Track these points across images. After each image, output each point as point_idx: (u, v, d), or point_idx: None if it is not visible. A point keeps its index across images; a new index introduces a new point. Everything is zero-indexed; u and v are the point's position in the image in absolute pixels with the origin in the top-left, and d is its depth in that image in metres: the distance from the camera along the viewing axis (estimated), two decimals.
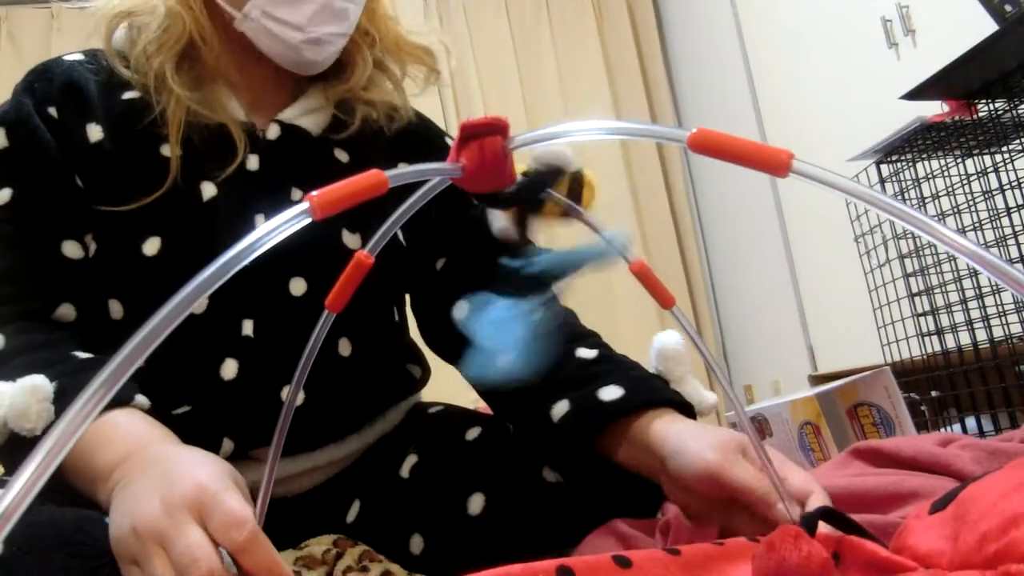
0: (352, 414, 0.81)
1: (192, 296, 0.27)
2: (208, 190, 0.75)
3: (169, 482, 0.51)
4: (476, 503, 0.72)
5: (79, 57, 0.80)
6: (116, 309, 0.74)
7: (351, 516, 0.79)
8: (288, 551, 0.66)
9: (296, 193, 0.79)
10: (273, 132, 0.80)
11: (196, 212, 0.74)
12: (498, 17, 3.41)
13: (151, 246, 0.72)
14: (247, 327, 0.74)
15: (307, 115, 0.83)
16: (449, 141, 0.93)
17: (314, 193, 0.31)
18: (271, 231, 0.29)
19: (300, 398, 0.73)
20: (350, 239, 0.79)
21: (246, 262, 0.28)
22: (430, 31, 0.92)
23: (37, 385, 0.60)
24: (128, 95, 0.77)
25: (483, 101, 3.31)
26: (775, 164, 0.30)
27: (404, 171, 0.35)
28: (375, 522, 0.77)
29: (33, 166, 0.74)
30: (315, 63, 0.80)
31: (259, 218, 0.76)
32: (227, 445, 0.73)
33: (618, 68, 3.48)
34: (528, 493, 0.71)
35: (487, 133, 0.38)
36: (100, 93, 0.77)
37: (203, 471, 0.52)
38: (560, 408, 0.70)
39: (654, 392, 0.69)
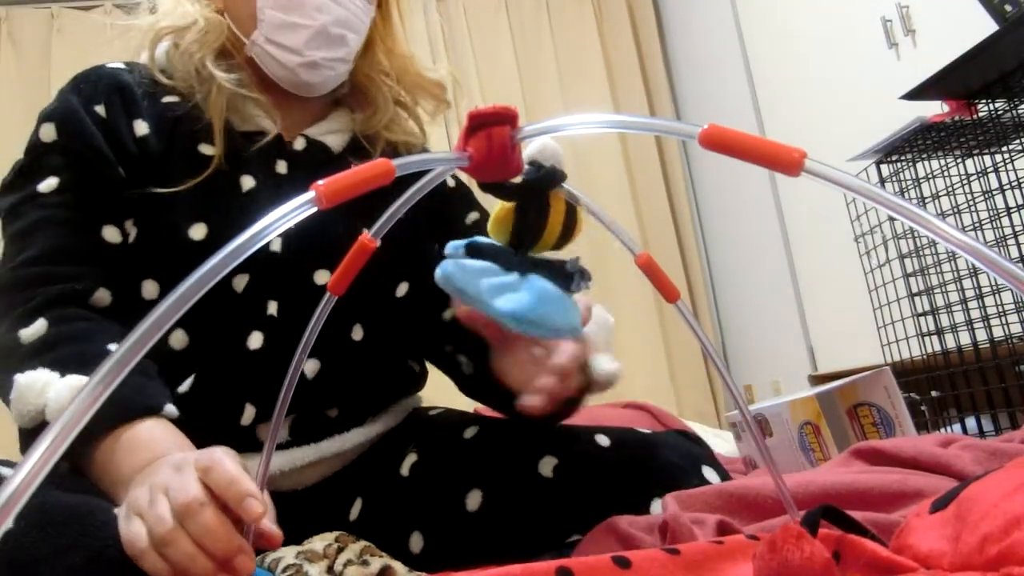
0: (360, 397, 0.84)
1: (203, 281, 0.28)
2: (248, 182, 0.82)
3: (183, 457, 0.57)
4: (474, 499, 0.73)
5: (121, 65, 0.87)
6: (150, 289, 0.79)
7: (354, 514, 0.80)
8: (291, 547, 0.67)
9: None
10: (300, 144, 0.87)
11: (237, 200, 0.81)
12: (498, 17, 3.41)
13: (198, 231, 0.78)
14: (272, 307, 0.79)
15: (330, 134, 0.90)
16: (450, 180, 0.99)
17: (320, 182, 0.31)
18: (279, 219, 0.29)
19: (315, 368, 0.80)
20: None
21: (254, 249, 0.29)
22: (440, 66, 0.99)
23: (78, 387, 0.64)
24: (168, 99, 0.84)
25: (483, 101, 3.31)
26: (787, 163, 0.30)
27: (411, 159, 0.34)
28: (376, 520, 0.78)
29: (80, 157, 0.79)
30: (313, 85, 0.87)
31: None
32: (249, 411, 0.77)
33: (618, 68, 3.48)
34: (525, 489, 0.72)
35: (495, 123, 0.38)
36: (144, 96, 0.84)
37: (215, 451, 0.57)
38: None
39: None
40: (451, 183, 0.99)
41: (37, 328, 0.70)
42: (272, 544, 0.55)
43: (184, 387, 0.77)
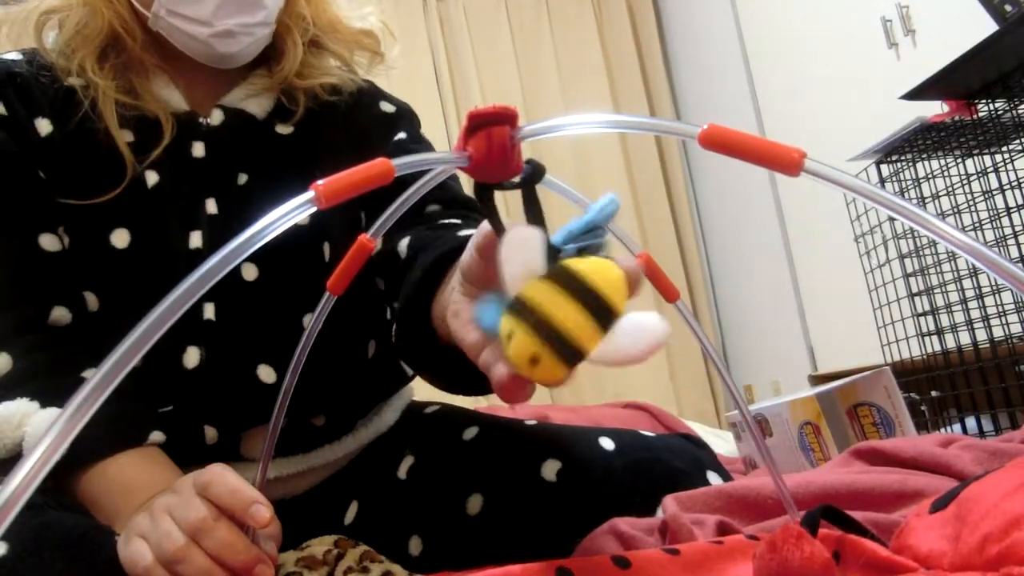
0: (338, 399, 0.81)
1: (192, 290, 0.27)
2: (151, 178, 0.75)
3: (181, 481, 0.57)
4: (474, 504, 0.72)
5: (17, 56, 0.79)
6: (92, 301, 0.74)
7: (349, 517, 0.79)
8: (289, 552, 0.66)
9: (242, 178, 0.78)
10: (216, 118, 0.79)
11: (144, 200, 0.74)
12: (498, 17, 3.41)
13: (120, 238, 0.73)
14: (208, 311, 0.74)
15: (251, 98, 0.82)
16: (388, 107, 0.90)
17: (319, 182, 0.30)
18: (276, 220, 0.29)
19: (272, 376, 0.75)
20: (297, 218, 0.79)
21: (249, 252, 0.28)
22: (369, 13, 0.88)
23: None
24: (72, 81, 0.77)
25: (483, 101, 3.31)
26: (787, 163, 0.30)
27: (411, 159, 0.34)
28: (373, 523, 0.77)
29: (4, 170, 0.73)
30: (232, 56, 0.78)
31: (209, 203, 0.76)
32: (210, 432, 0.73)
33: (618, 68, 3.48)
34: (526, 493, 0.71)
35: (495, 122, 0.37)
36: (42, 87, 0.77)
37: None
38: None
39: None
40: (388, 108, 0.90)
41: (1, 365, 0.67)
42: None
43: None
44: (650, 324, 0.37)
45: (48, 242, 0.73)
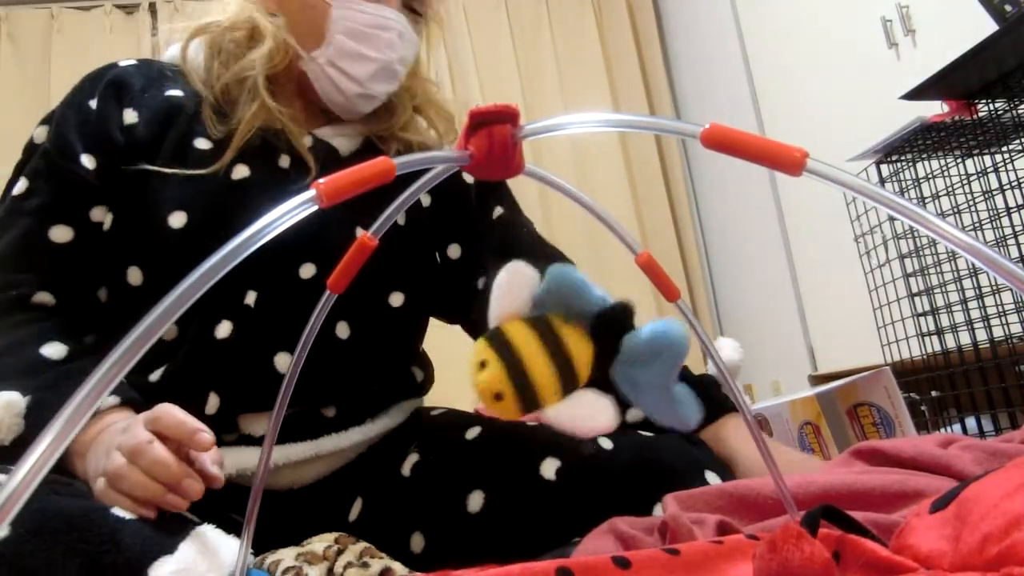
0: (354, 397, 0.82)
1: (199, 283, 0.27)
2: (241, 171, 0.80)
3: (131, 420, 0.63)
4: (475, 501, 0.73)
5: (132, 62, 0.87)
6: (135, 276, 0.78)
7: (353, 514, 0.80)
8: (290, 548, 0.67)
9: None
10: (307, 142, 0.86)
11: (225, 189, 0.79)
12: (498, 17, 3.41)
13: (177, 218, 0.77)
14: (249, 297, 0.78)
15: (339, 137, 0.89)
16: (469, 177, 0.98)
17: (321, 180, 0.30)
18: (278, 218, 0.29)
19: (289, 362, 0.77)
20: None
21: (252, 249, 0.28)
22: (450, 100, 1.01)
23: (12, 401, 0.66)
24: (173, 92, 0.83)
25: (483, 101, 3.30)
26: (789, 162, 0.30)
27: (411, 158, 0.34)
28: (377, 520, 0.78)
29: (52, 159, 0.78)
30: (358, 113, 0.88)
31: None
32: (212, 400, 0.76)
33: (618, 68, 3.48)
34: (527, 491, 0.72)
35: (496, 121, 0.37)
36: (143, 88, 0.83)
37: None
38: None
39: (727, 400, 0.84)
40: (469, 178, 0.98)
41: None
42: (213, 485, 0.61)
43: (155, 376, 0.77)
44: (603, 407, 0.40)
45: (58, 234, 0.77)
